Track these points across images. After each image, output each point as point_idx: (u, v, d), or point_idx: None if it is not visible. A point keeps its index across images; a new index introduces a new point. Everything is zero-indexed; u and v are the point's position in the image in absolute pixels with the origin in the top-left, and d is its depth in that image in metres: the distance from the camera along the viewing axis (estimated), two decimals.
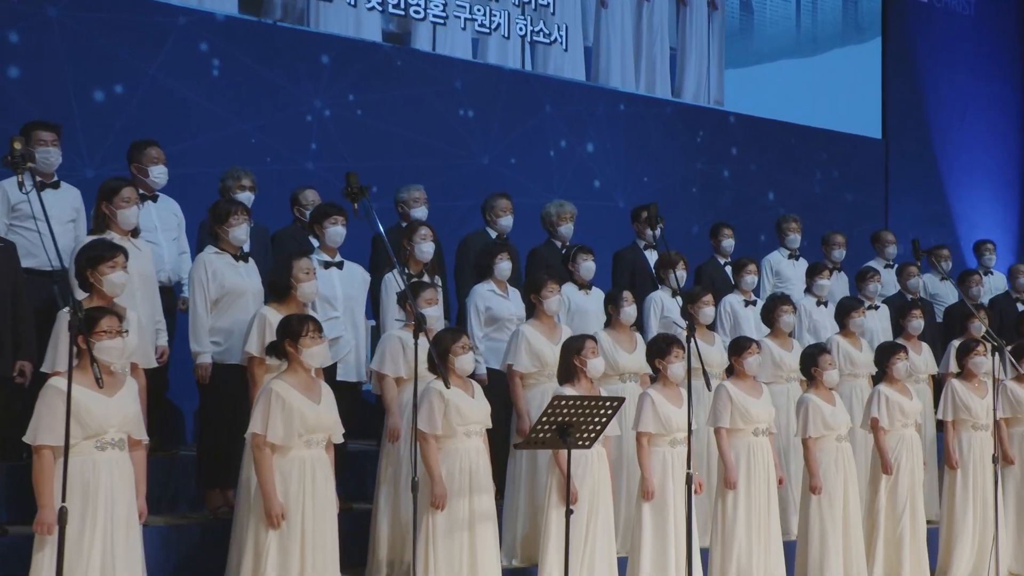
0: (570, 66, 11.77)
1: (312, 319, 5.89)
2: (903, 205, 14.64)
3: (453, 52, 10.86)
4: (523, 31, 11.43)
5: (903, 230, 14.56)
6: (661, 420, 7.26)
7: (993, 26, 15.78)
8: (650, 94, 12.30)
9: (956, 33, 15.37)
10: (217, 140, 9.19)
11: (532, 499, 7.34)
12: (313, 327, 5.83)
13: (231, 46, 9.40)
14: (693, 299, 8.64)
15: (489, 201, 9.08)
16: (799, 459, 8.36)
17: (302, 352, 5.80)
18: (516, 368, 7.59)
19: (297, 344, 5.80)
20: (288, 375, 5.83)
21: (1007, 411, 9.32)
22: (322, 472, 5.80)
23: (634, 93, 12.14)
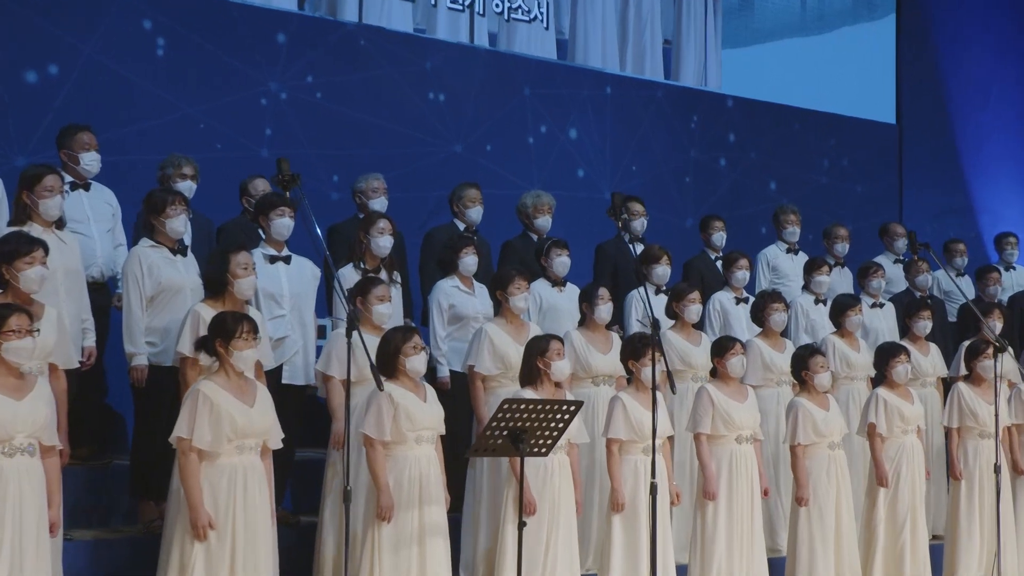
0: (551, 46, 11.79)
1: (247, 319, 5.93)
2: (919, 196, 14.64)
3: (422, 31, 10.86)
4: (499, 8, 11.46)
5: (919, 223, 14.56)
6: (633, 426, 7.30)
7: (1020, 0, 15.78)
8: (639, 75, 12.31)
9: (979, 8, 15.33)
10: (162, 125, 9.23)
11: (494, 511, 7.38)
12: (248, 327, 5.87)
13: (177, 23, 9.43)
14: (679, 296, 8.70)
15: (457, 191, 9.12)
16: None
17: (232, 354, 5.85)
18: (478, 370, 7.65)
19: (228, 345, 5.85)
20: (218, 376, 5.88)
21: (1019, 417, 9.36)
22: (255, 480, 5.84)
23: (621, 75, 12.16)
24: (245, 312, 6.41)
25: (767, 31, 13.53)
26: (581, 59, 12.00)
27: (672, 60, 12.77)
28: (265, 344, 6.73)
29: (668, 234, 11.60)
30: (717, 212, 11.38)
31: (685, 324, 8.68)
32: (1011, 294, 11.86)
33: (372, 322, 7.06)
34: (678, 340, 8.65)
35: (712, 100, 12.84)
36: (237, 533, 5.76)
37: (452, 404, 7.98)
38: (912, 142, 14.66)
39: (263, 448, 5.97)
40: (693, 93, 12.71)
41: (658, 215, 11.88)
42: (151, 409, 6.87)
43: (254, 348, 5.91)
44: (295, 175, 6.15)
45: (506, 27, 11.57)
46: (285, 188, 6.14)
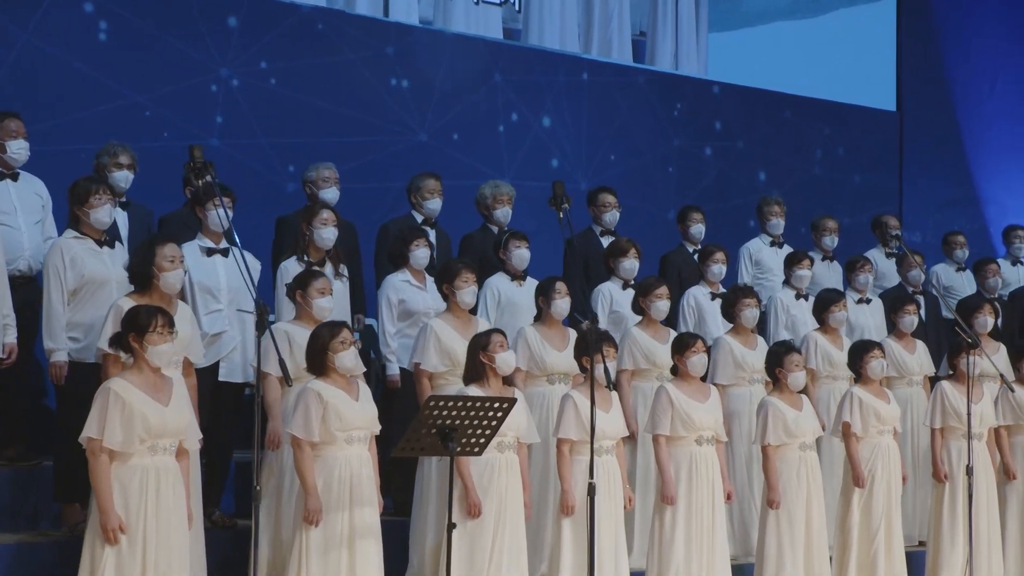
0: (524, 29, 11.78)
1: (162, 312, 5.95)
2: (921, 187, 14.61)
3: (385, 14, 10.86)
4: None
5: (920, 215, 14.59)
6: (584, 426, 7.28)
7: None
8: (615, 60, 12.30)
9: None
10: (105, 113, 9.26)
11: (442, 511, 7.37)
12: (163, 321, 5.88)
13: (121, 6, 9.46)
14: (646, 291, 8.69)
15: (415, 182, 9.14)
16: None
17: (147, 349, 5.86)
18: (424, 367, 7.67)
19: (143, 339, 5.86)
20: (132, 373, 5.89)
21: (1008, 418, 9.35)
22: (169, 481, 5.86)
23: (599, 60, 12.17)
24: (172, 306, 6.46)
25: (756, 14, 13.52)
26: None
27: (647, 47, 12.74)
28: (195, 339, 6.77)
29: (649, 226, 11.64)
30: (702, 203, 11.36)
31: (652, 321, 8.65)
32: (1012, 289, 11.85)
33: (312, 316, 7.08)
34: (643, 337, 8.63)
35: (697, 86, 12.83)
36: (149, 536, 5.77)
37: (403, 403, 8.02)
38: (913, 130, 14.62)
39: (179, 449, 5.97)
40: (676, 79, 12.70)
41: (639, 206, 11.91)
42: (74, 408, 6.83)
43: (170, 343, 5.92)
44: (207, 163, 6.17)
45: (475, 11, 11.56)
46: (197, 176, 6.17)
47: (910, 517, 9.57)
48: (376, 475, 6.63)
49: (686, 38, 12.85)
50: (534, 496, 7.93)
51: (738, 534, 8.87)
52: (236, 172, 9.76)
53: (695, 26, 13.00)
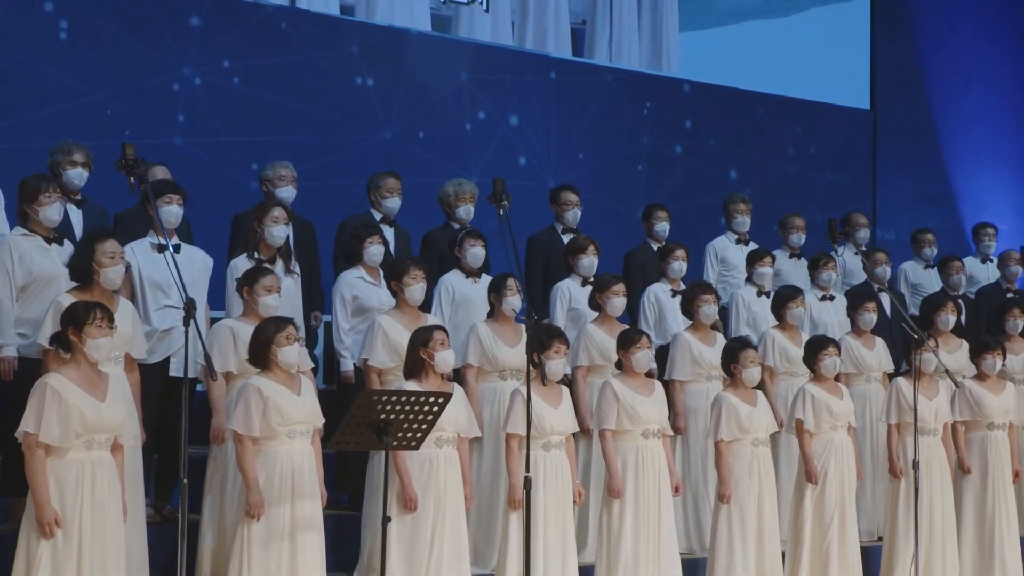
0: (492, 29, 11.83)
1: (100, 306, 6.02)
2: (895, 185, 14.67)
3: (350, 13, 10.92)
4: None
5: (895, 213, 14.66)
6: (533, 421, 7.34)
7: None
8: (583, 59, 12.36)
9: None
10: (65, 112, 9.35)
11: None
12: (101, 315, 5.95)
13: (82, 5, 9.55)
14: (602, 288, 8.75)
15: (375, 180, 9.21)
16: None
17: (86, 343, 5.93)
18: (372, 363, 7.75)
19: (81, 333, 5.93)
20: (69, 368, 5.96)
21: (964, 414, 9.41)
22: (104, 476, 5.93)
23: (568, 59, 12.23)
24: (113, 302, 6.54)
25: (729, 13, 13.56)
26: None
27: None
28: (137, 335, 6.85)
29: (618, 224, 11.71)
30: (672, 201, 11.45)
31: (608, 317, 8.71)
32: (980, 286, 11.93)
33: (259, 313, 7.14)
34: (599, 334, 8.68)
35: (667, 85, 12.90)
36: (84, 531, 5.84)
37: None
38: (887, 128, 14.68)
39: (115, 444, 6.04)
40: (646, 78, 12.76)
41: (607, 204, 12.00)
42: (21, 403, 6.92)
43: (109, 336, 5.99)
44: (139, 160, 6.23)
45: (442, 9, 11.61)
46: (129, 174, 6.22)
47: (869, 512, 9.65)
48: (319, 469, 6.70)
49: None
50: (486, 490, 8.05)
51: (693, 529, 8.95)
52: (198, 170, 9.89)
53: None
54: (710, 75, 13.24)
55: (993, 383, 9.49)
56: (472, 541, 7.96)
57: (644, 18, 12.83)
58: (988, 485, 9.37)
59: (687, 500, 8.95)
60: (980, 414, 9.40)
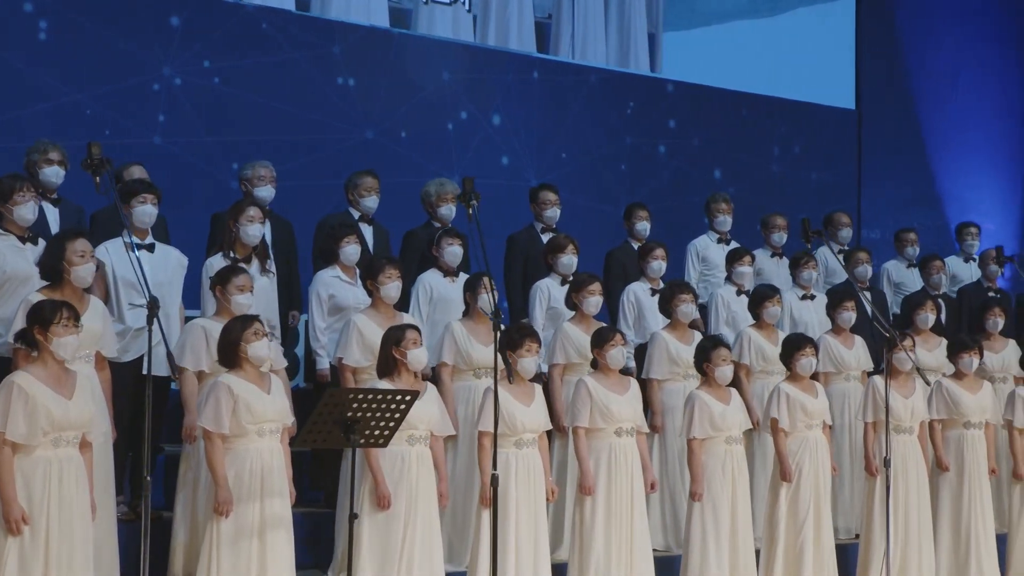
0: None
1: (67, 305, 6.05)
2: (880, 185, 14.69)
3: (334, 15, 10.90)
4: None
5: (880, 212, 14.69)
6: (504, 419, 7.40)
7: None
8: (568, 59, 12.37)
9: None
10: (45, 111, 9.38)
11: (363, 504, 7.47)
12: (67, 314, 5.99)
13: (62, 5, 9.58)
14: (578, 287, 8.78)
15: (353, 179, 9.23)
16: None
17: (52, 341, 5.97)
18: (346, 362, 7.81)
19: (47, 332, 5.96)
20: (36, 367, 6.00)
21: (942, 412, 9.45)
22: (72, 473, 5.97)
23: (550, 59, 12.25)
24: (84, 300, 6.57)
25: (713, 13, 13.57)
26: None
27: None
28: (108, 333, 6.88)
29: (601, 223, 11.73)
30: (656, 201, 11.49)
31: (585, 316, 8.74)
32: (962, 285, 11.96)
33: (232, 312, 7.17)
34: (576, 332, 8.71)
35: (651, 85, 12.92)
36: (51, 528, 5.88)
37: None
38: (873, 128, 14.70)
39: (82, 441, 6.08)
40: (629, 78, 12.78)
41: (590, 204, 12.03)
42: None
43: (75, 335, 6.03)
44: (105, 159, 6.25)
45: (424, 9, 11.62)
46: (95, 173, 6.25)
47: (847, 510, 9.69)
48: (289, 467, 6.74)
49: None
50: (461, 488, 8.08)
51: (670, 526, 8.98)
52: (179, 170, 9.92)
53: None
54: (695, 75, 13.24)
55: (970, 382, 9.53)
56: (447, 539, 8.03)
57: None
58: (965, 483, 9.41)
59: (664, 498, 8.99)
60: (957, 413, 9.43)
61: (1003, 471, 9.98)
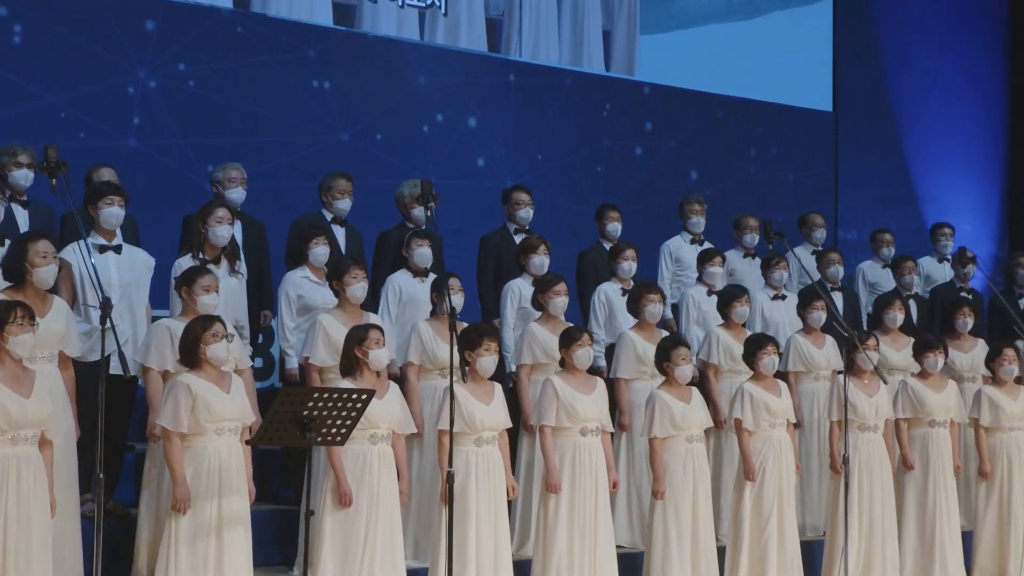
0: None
1: (22, 305, 6.10)
2: (857, 186, 14.73)
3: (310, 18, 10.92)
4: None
5: (858, 213, 14.73)
6: (464, 417, 7.44)
7: None
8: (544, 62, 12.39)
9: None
10: (18, 114, 9.41)
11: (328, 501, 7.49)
12: (22, 313, 6.04)
13: (37, 10, 9.62)
14: (544, 287, 8.81)
15: (326, 181, 9.26)
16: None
17: (8, 340, 6.02)
18: (313, 361, 7.86)
19: (3, 332, 6.01)
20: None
21: (907, 411, 9.49)
22: (30, 471, 6.01)
23: (527, 62, 12.27)
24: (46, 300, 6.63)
25: (690, 17, 13.59)
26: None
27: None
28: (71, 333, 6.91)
29: (576, 224, 11.75)
30: (632, 202, 11.52)
31: (551, 317, 8.77)
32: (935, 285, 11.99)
33: (197, 312, 7.20)
34: (543, 332, 8.73)
35: (627, 87, 12.94)
36: (9, 524, 5.93)
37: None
38: (849, 130, 14.73)
39: (42, 439, 6.11)
40: (605, 80, 12.81)
41: (566, 205, 12.08)
42: None
43: (31, 333, 6.08)
44: (61, 162, 6.30)
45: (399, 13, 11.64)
46: (51, 175, 6.30)
47: (815, 508, 9.71)
48: (248, 466, 6.78)
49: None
50: (427, 485, 8.10)
51: (637, 523, 8.99)
52: (154, 172, 9.97)
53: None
54: (672, 78, 13.27)
55: (935, 381, 9.57)
56: (413, 535, 8.09)
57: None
58: (929, 481, 9.45)
59: (631, 495, 9.01)
60: (922, 411, 9.47)
61: (971, 469, 10.02)
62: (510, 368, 9.02)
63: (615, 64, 12.99)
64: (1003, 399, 9.68)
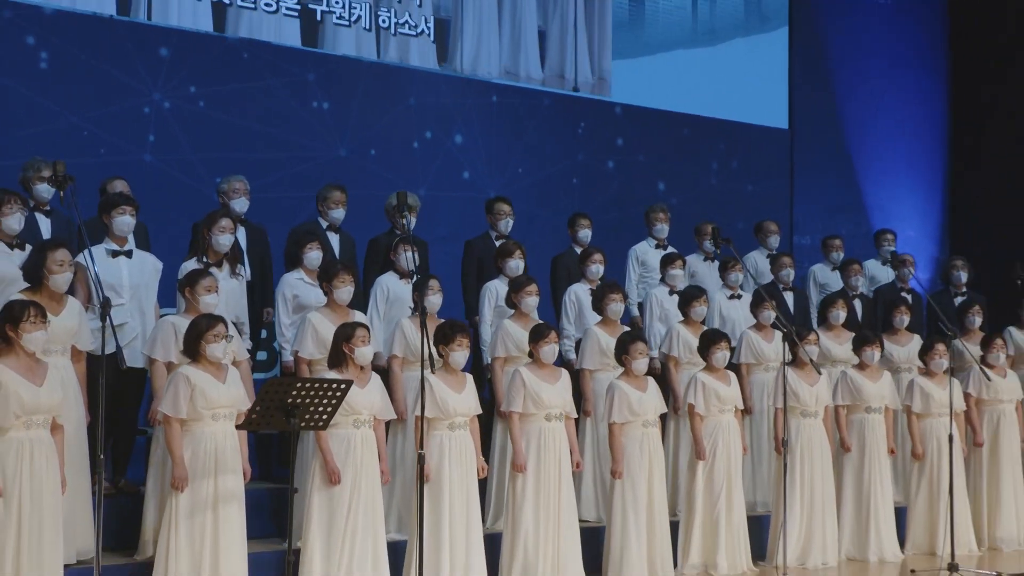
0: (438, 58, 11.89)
1: (35, 305, 6.16)
2: (811, 195, 14.73)
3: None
4: (386, 23, 11.58)
5: (811, 220, 14.74)
6: (438, 404, 7.50)
7: (914, 14, 15.82)
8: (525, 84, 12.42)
9: (872, 22, 15.41)
10: (45, 132, 9.43)
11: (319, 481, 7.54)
12: (35, 312, 6.10)
13: (61, 39, 9.63)
14: (517, 288, 8.87)
15: (323, 192, 9.31)
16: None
17: (22, 336, 6.08)
18: (302, 355, 7.90)
19: (17, 329, 6.07)
20: (9, 358, 6.10)
21: (846, 399, 9.56)
22: (42, 453, 6.07)
23: (508, 84, 12.27)
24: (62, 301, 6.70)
25: (658, 43, 13.60)
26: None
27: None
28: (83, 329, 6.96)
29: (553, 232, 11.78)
30: (605, 211, 11.54)
31: (523, 314, 8.81)
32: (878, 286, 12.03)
33: (199, 310, 7.25)
34: (515, 328, 8.79)
35: (600, 107, 12.94)
36: (23, 500, 5.99)
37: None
38: (803, 146, 14.74)
39: (53, 424, 6.17)
40: (580, 101, 12.80)
41: (544, 214, 12.10)
42: None
43: (43, 330, 6.15)
44: (68, 176, 6.36)
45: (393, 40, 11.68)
46: (60, 188, 6.36)
47: (765, 486, 9.76)
48: (244, 448, 6.84)
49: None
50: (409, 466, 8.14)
51: (601, 500, 9.04)
52: (167, 184, 10.01)
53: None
54: (641, 99, 13.27)
55: (871, 371, 9.64)
56: (397, 512, 8.13)
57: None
58: (866, 461, 9.55)
59: (596, 474, 9.06)
60: (859, 399, 9.55)
61: (905, 451, 10.07)
62: (487, 360, 9.08)
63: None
64: (933, 388, 9.74)
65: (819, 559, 9.13)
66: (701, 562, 8.71)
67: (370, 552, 7.16)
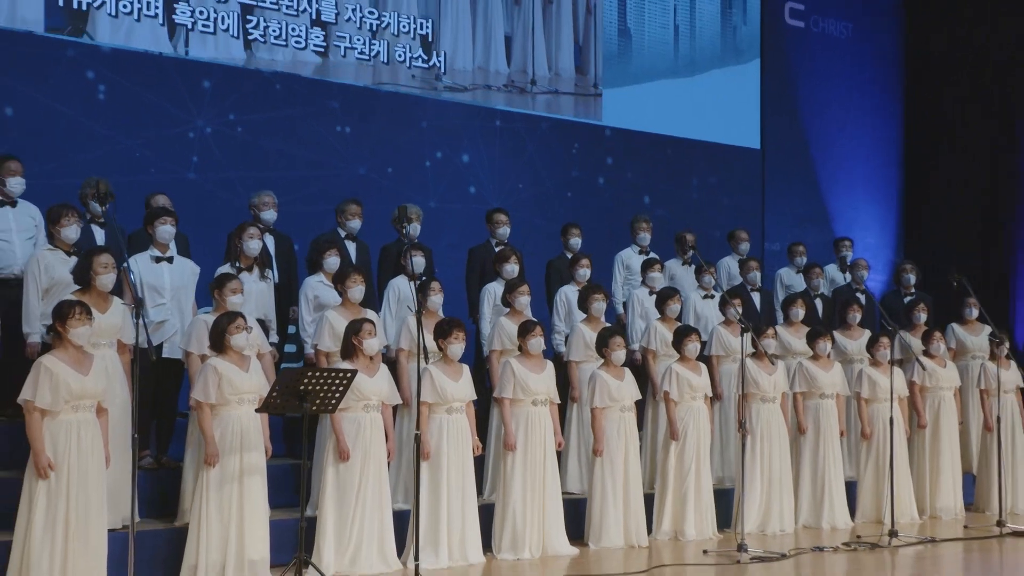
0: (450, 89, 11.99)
1: (80, 304, 6.27)
2: (780, 207, 14.77)
3: (334, 77, 11.02)
4: (402, 57, 11.70)
5: (781, 229, 14.77)
6: (437, 391, 7.61)
7: (871, 46, 15.81)
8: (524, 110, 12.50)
9: (834, 54, 15.44)
10: (103, 155, 9.59)
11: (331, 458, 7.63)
12: (80, 310, 6.22)
13: (117, 73, 9.79)
14: (511, 289, 8.96)
15: (341, 205, 9.41)
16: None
17: (69, 331, 6.21)
18: (320, 348, 8.00)
19: (65, 325, 6.20)
20: (59, 351, 6.23)
21: (803, 386, 9.61)
22: (88, 433, 6.19)
23: (510, 110, 12.37)
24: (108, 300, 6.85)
25: (644, 73, 13.67)
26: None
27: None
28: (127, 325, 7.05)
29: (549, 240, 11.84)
30: (596, 221, 11.59)
31: (517, 312, 8.90)
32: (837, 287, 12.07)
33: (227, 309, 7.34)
34: (509, 325, 8.84)
35: (592, 130, 13.01)
36: (72, 474, 6.11)
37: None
38: (774, 162, 14.78)
39: (99, 408, 6.31)
40: (575, 124, 12.88)
41: (541, 224, 12.16)
42: None
43: (88, 326, 6.26)
44: (110, 193, 6.48)
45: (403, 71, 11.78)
46: (102, 203, 6.48)
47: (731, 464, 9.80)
48: (266, 428, 6.95)
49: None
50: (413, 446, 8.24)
51: (585, 475, 9.10)
52: (208, 199, 10.13)
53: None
54: (630, 122, 13.35)
55: (824, 362, 9.69)
56: (403, 485, 8.21)
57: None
58: (820, 442, 9.60)
59: (581, 453, 9.11)
60: (814, 386, 9.60)
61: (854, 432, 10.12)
62: (485, 353, 9.17)
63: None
64: (879, 377, 9.78)
65: (777, 527, 9.19)
66: (672, 529, 8.79)
67: (377, 520, 7.26)
